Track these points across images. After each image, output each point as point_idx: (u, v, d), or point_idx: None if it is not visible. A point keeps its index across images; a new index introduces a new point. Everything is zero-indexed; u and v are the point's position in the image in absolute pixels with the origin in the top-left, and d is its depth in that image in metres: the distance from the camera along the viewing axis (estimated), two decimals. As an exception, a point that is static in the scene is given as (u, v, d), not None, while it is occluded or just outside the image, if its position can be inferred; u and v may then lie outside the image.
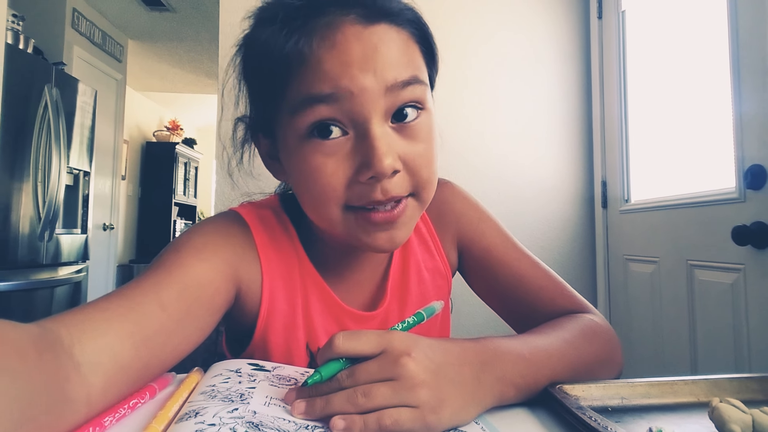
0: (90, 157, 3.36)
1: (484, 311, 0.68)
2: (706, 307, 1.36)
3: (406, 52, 0.47)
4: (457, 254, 0.66)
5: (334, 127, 0.45)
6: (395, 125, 0.47)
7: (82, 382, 0.36)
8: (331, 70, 0.44)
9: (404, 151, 0.47)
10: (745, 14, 1.22)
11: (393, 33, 0.47)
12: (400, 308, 0.61)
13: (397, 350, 0.37)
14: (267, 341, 0.56)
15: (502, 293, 0.63)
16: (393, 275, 0.62)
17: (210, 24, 4.02)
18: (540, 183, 1.97)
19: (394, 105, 0.46)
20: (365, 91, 0.44)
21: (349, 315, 0.58)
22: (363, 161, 0.45)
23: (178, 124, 6.37)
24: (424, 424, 0.36)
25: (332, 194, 0.46)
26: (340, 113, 0.45)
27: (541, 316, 0.58)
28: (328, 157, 0.46)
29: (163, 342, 0.43)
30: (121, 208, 4.92)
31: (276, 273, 0.56)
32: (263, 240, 0.56)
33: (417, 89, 0.47)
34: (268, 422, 0.35)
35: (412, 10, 0.50)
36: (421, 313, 0.45)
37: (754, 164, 1.17)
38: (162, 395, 0.44)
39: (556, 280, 0.61)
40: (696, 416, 0.41)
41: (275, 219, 0.59)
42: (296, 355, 0.57)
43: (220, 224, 0.55)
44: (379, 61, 0.44)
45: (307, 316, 0.57)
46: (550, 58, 2.00)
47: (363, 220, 0.47)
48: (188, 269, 0.47)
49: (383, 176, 0.44)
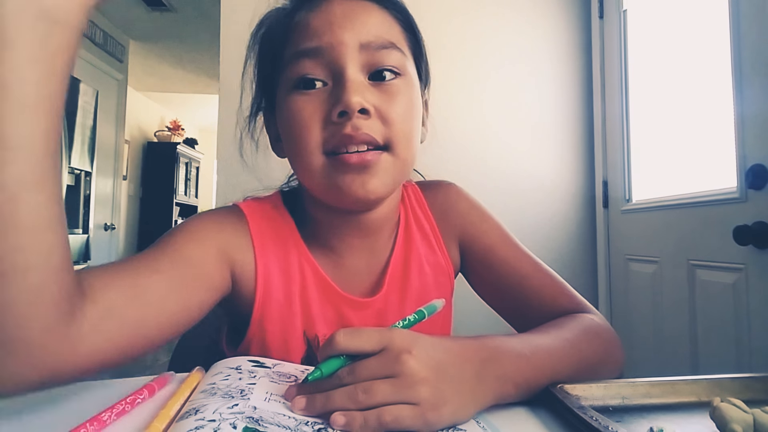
0: (91, 158, 3.36)
1: (485, 311, 0.68)
2: (707, 307, 1.36)
3: (384, 23, 0.53)
4: (459, 254, 0.67)
5: (318, 82, 0.51)
6: (372, 82, 0.52)
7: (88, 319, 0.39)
8: (316, 28, 0.51)
9: (378, 102, 0.51)
10: (747, 14, 1.22)
11: (375, 9, 0.54)
12: (400, 298, 0.61)
13: (397, 347, 0.37)
14: (264, 329, 0.57)
15: (502, 292, 0.63)
16: (393, 264, 0.62)
17: (211, 24, 4.01)
18: (541, 183, 1.97)
19: (370, 63, 0.51)
20: (342, 44, 0.50)
21: (346, 301, 0.59)
22: (335, 100, 0.50)
23: (179, 124, 6.38)
24: (424, 421, 0.36)
25: (310, 136, 0.50)
26: (321, 66, 0.51)
27: (541, 315, 0.58)
28: (308, 103, 0.51)
29: (156, 300, 0.45)
30: (123, 208, 4.93)
31: (272, 260, 0.57)
32: (259, 228, 0.58)
33: (394, 54, 0.52)
34: (268, 417, 0.35)
35: (399, 1, 0.57)
36: (422, 310, 0.45)
37: (756, 164, 1.17)
38: (162, 394, 0.44)
39: (556, 280, 0.61)
40: (697, 416, 0.41)
41: (273, 210, 0.61)
42: (293, 342, 0.57)
43: (215, 213, 0.58)
44: (357, 21, 0.51)
45: (304, 303, 0.58)
46: (551, 57, 2.00)
47: (338, 163, 0.50)
48: (182, 248, 0.50)
49: (351, 110, 0.48)
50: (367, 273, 0.62)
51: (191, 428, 0.33)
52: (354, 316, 0.59)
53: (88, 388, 0.46)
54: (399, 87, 0.52)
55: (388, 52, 0.52)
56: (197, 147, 6.80)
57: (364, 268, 0.61)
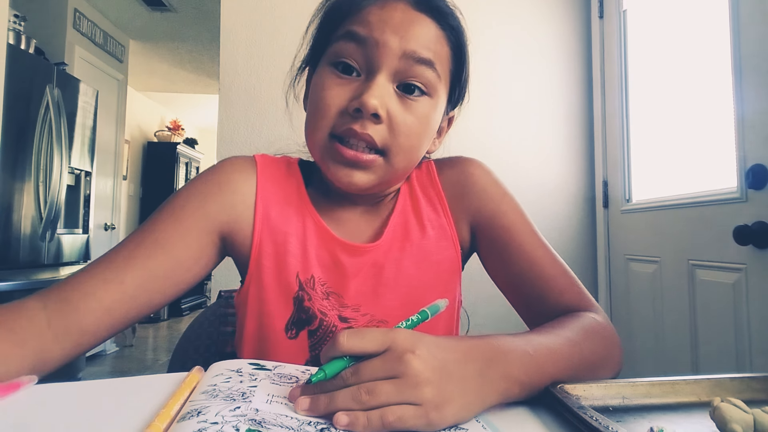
0: (91, 157, 3.36)
1: (486, 312, 0.68)
2: (707, 307, 1.36)
3: (434, 41, 0.56)
4: (471, 232, 0.66)
5: (354, 71, 0.55)
6: (399, 93, 0.55)
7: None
8: (371, 22, 0.54)
9: (395, 112, 0.54)
10: (747, 13, 1.22)
11: (431, 25, 0.56)
12: (400, 254, 0.62)
13: (401, 348, 0.37)
14: (261, 267, 0.60)
15: (513, 275, 0.62)
16: (394, 219, 0.64)
17: (211, 24, 4.02)
18: (541, 183, 1.97)
19: (405, 74, 0.54)
20: (387, 47, 0.53)
21: (342, 246, 0.61)
22: (358, 95, 0.53)
23: (180, 124, 6.38)
24: (427, 422, 0.36)
25: (326, 115, 0.54)
26: (362, 56, 0.54)
27: (547, 305, 0.58)
28: (338, 87, 0.55)
29: (139, 265, 0.54)
30: (123, 208, 4.93)
31: (272, 206, 0.61)
32: (264, 175, 0.62)
33: (429, 72, 0.55)
34: (270, 419, 0.35)
35: (457, 20, 0.59)
36: (425, 311, 0.45)
37: (756, 164, 1.17)
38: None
39: (568, 273, 0.61)
40: (697, 416, 0.41)
41: (286, 166, 0.66)
42: (287, 281, 0.60)
43: (221, 169, 0.62)
44: (408, 32, 0.54)
45: (302, 245, 0.60)
46: (551, 57, 2.00)
47: (336, 151, 0.55)
48: (160, 234, 0.56)
49: (365, 111, 0.52)
50: (368, 225, 0.64)
51: (194, 430, 0.33)
52: (349, 262, 0.60)
53: (87, 388, 0.45)
54: (421, 105, 0.55)
55: (424, 70, 0.54)
56: (197, 147, 6.79)
57: (367, 221, 0.64)
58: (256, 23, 1.92)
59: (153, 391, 0.43)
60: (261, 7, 1.93)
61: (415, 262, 0.62)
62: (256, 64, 1.90)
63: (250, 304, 0.60)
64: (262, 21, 1.92)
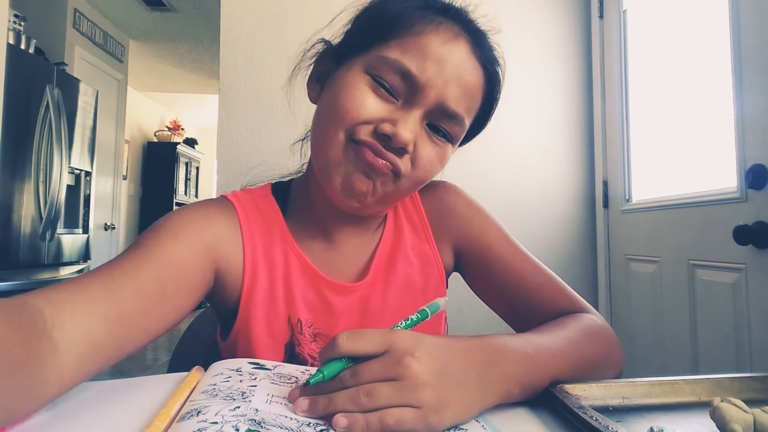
0: (91, 157, 3.36)
1: (486, 312, 0.68)
2: (707, 307, 1.36)
3: (473, 92, 0.55)
4: (454, 256, 0.67)
5: (392, 94, 0.53)
6: (427, 130, 0.54)
7: (57, 363, 0.38)
8: (425, 58, 0.52)
9: (421, 147, 0.54)
10: (747, 13, 1.22)
11: (479, 76, 0.56)
12: (384, 285, 0.62)
13: (400, 350, 0.37)
14: (250, 315, 0.57)
15: (502, 292, 0.63)
16: (380, 253, 0.63)
17: (211, 24, 4.02)
18: (541, 183, 1.97)
19: (436, 116, 0.54)
20: (431, 88, 0.52)
21: (329, 286, 0.59)
22: (393, 119, 0.51)
23: (179, 124, 6.38)
24: (426, 425, 0.36)
25: (353, 113, 0.51)
26: (405, 88, 0.52)
27: (540, 315, 0.58)
28: (373, 97, 0.52)
29: (137, 323, 0.46)
30: (123, 208, 4.93)
31: (258, 248, 0.59)
32: (246, 216, 0.59)
33: (456, 128, 0.55)
34: (270, 419, 0.35)
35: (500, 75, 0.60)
36: (425, 310, 0.45)
37: (756, 164, 1.17)
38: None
39: (556, 281, 0.61)
40: (697, 416, 0.41)
41: (261, 198, 0.63)
42: (277, 327, 0.58)
43: (201, 205, 0.58)
44: (455, 79, 0.53)
45: (287, 287, 0.59)
46: (551, 57, 2.00)
47: (357, 155, 0.52)
48: (165, 249, 0.50)
49: (396, 143, 0.51)
50: (355, 260, 0.63)
51: (194, 430, 0.33)
52: (337, 301, 0.60)
53: (87, 388, 0.45)
54: (442, 149, 0.56)
55: (454, 123, 0.55)
56: (197, 147, 6.80)
57: (353, 255, 0.63)
58: (256, 23, 1.92)
59: (153, 391, 0.44)
60: (261, 7, 1.93)
61: (399, 292, 0.62)
62: (256, 64, 1.90)
63: (240, 353, 0.59)
64: (262, 21, 1.92)
